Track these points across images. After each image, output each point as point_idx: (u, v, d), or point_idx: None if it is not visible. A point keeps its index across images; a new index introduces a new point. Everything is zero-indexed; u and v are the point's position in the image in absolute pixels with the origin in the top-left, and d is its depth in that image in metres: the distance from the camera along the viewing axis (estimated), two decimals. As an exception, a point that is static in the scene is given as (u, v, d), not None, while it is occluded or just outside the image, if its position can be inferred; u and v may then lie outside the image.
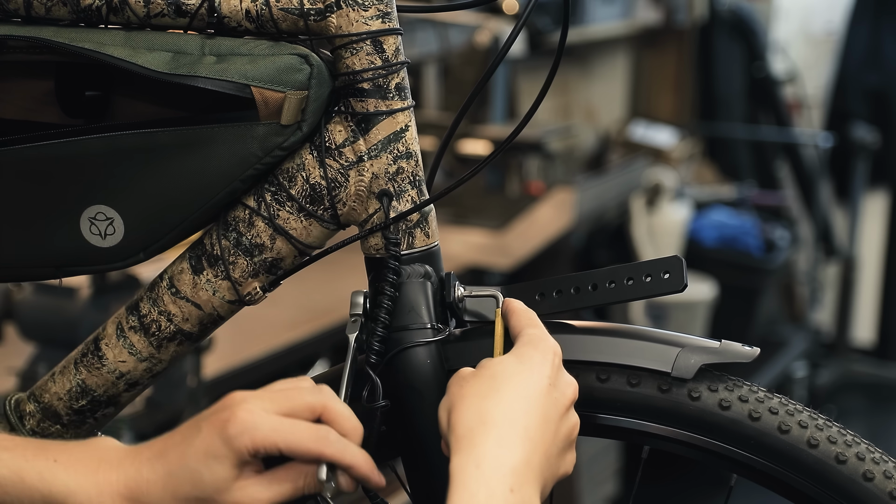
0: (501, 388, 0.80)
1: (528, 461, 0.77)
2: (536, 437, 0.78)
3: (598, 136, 4.14)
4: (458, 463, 0.76)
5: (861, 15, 4.40)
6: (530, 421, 0.79)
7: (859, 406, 4.25)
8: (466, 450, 0.76)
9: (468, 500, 0.74)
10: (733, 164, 4.40)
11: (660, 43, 4.39)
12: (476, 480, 0.74)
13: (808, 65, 4.59)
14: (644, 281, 0.90)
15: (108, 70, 0.90)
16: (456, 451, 0.77)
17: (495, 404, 0.79)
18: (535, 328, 0.86)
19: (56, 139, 0.89)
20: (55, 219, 0.91)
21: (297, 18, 0.87)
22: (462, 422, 0.78)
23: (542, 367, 0.82)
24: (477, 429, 0.77)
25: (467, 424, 0.78)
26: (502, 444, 0.77)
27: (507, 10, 3.22)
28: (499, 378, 0.81)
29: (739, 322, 3.81)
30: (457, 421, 0.79)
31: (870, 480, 0.86)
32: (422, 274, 0.90)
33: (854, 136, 4.29)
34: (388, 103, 0.89)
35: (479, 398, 0.79)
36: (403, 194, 0.90)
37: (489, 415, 0.78)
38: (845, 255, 4.41)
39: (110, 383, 0.97)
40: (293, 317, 2.33)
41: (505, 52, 0.93)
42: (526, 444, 0.77)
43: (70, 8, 0.90)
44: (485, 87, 3.22)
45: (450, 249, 2.77)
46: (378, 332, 0.88)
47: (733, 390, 0.88)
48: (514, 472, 0.76)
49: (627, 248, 3.69)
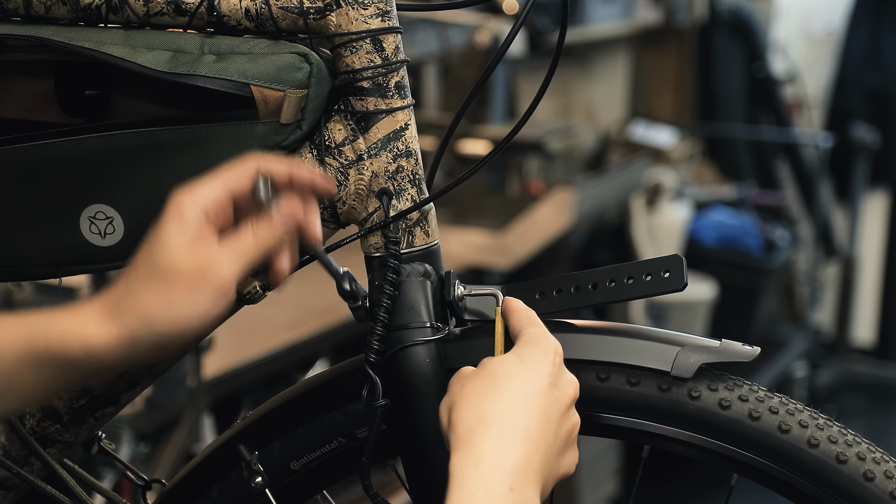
0: (501, 386, 0.80)
1: (527, 461, 0.77)
2: (536, 436, 0.78)
3: (598, 136, 4.13)
4: (457, 462, 0.76)
5: (861, 15, 4.39)
6: (530, 420, 0.78)
7: (859, 406, 4.25)
8: (465, 449, 0.76)
9: (466, 500, 0.73)
10: (733, 164, 4.40)
11: (660, 43, 4.38)
12: (475, 480, 0.74)
13: (808, 65, 4.59)
14: (644, 280, 0.90)
15: (108, 69, 0.90)
16: (455, 449, 0.77)
17: (495, 403, 0.79)
18: (536, 327, 0.85)
19: (55, 138, 0.89)
20: (55, 218, 0.91)
21: (296, 17, 0.87)
22: (462, 421, 0.78)
23: (542, 366, 0.82)
24: (476, 428, 0.77)
25: (467, 423, 0.78)
26: (502, 444, 0.76)
27: (506, 9, 3.22)
28: (499, 377, 0.81)
29: (739, 322, 3.80)
30: (457, 420, 0.78)
31: (870, 480, 0.85)
32: (421, 273, 0.90)
33: (854, 136, 4.29)
34: (387, 102, 0.89)
35: (480, 397, 0.79)
36: (403, 193, 0.90)
37: (489, 414, 0.78)
38: (845, 255, 4.40)
39: (110, 382, 0.97)
40: (293, 317, 2.33)
41: (503, 52, 0.93)
42: (526, 444, 0.77)
43: (69, 7, 0.89)
44: (485, 86, 3.23)
45: (450, 249, 2.77)
46: (377, 330, 0.88)
47: (733, 389, 0.88)
48: (514, 471, 0.75)
49: (627, 248, 3.69)
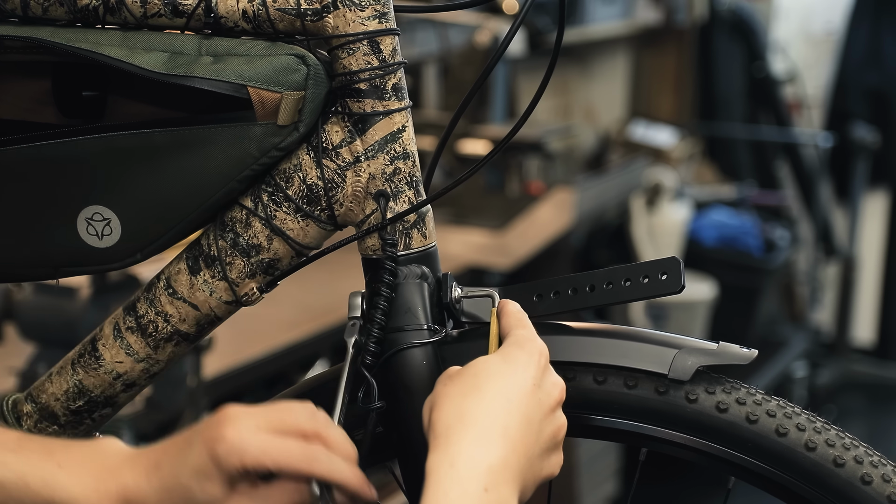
0: (483, 386, 0.79)
1: (505, 461, 0.76)
2: (517, 437, 0.77)
3: (598, 136, 4.13)
4: (434, 461, 0.75)
5: (861, 15, 4.39)
6: (511, 420, 0.77)
7: (859, 406, 4.24)
8: (443, 448, 0.75)
9: (441, 499, 0.73)
10: (733, 164, 4.40)
11: (660, 43, 4.38)
12: (450, 479, 0.73)
13: (808, 65, 4.59)
14: (642, 282, 0.90)
15: (105, 70, 0.90)
16: (433, 448, 0.76)
17: (476, 403, 0.78)
18: (524, 329, 0.85)
19: (53, 139, 0.89)
20: (52, 219, 0.91)
21: (293, 18, 0.87)
22: (441, 419, 0.77)
23: (526, 368, 0.81)
24: (455, 426, 0.76)
25: (446, 422, 0.77)
26: (479, 443, 0.76)
27: (506, 10, 3.22)
28: (482, 377, 0.80)
29: (739, 322, 3.80)
30: (436, 419, 0.78)
31: (868, 484, 0.85)
32: (418, 275, 0.89)
33: (854, 136, 4.29)
34: (384, 104, 0.88)
35: (461, 396, 0.78)
36: (400, 195, 0.90)
37: (469, 413, 0.77)
38: (845, 255, 4.40)
39: (107, 384, 0.97)
40: (293, 317, 2.33)
41: (503, 51, 0.93)
42: (505, 444, 0.76)
43: (67, 8, 0.89)
44: (484, 86, 3.22)
45: (450, 249, 2.77)
46: (374, 333, 0.87)
47: (731, 392, 0.88)
48: (490, 471, 0.75)
49: (627, 249, 3.69)
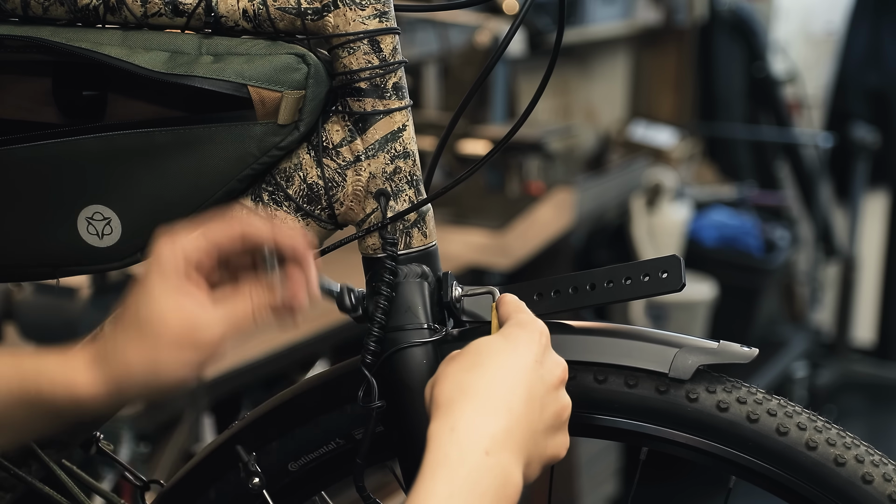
0: (485, 362, 0.79)
1: (508, 430, 0.76)
2: (519, 410, 0.77)
3: (598, 136, 4.13)
4: (434, 428, 0.75)
5: (861, 15, 4.39)
6: (513, 394, 0.78)
7: (859, 406, 4.24)
8: (444, 416, 0.76)
9: (441, 460, 0.73)
10: (733, 164, 4.40)
11: (660, 43, 4.38)
12: (449, 441, 0.74)
13: (808, 65, 4.59)
14: (642, 280, 0.90)
15: (105, 70, 0.90)
16: (434, 418, 0.76)
17: (478, 377, 0.78)
18: (523, 313, 0.85)
19: (53, 139, 0.89)
20: (52, 219, 0.91)
21: (294, 18, 0.87)
22: (443, 393, 0.78)
23: (528, 346, 0.81)
24: (457, 398, 0.77)
25: (448, 395, 0.77)
26: (481, 412, 0.76)
27: (506, 10, 3.22)
28: (483, 354, 0.80)
29: (739, 322, 3.80)
30: (438, 392, 0.78)
31: (869, 483, 0.85)
32: (419, 274, 0.89)
33: (854, 136, 4.29)
34: (385, 103, 0.88)
35: (462, 371, 0.79)
36: (401, 194, 0.90)
37: (471, 386, 0.77)
38: (845, 255, 4.40)
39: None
40: (293, 317, 2.32)
41: (502, 51, 0.93)
42: (506, 415, 0.76)
43: (67, 7, 0.89)
44: (484, 86, 3.22)
45: (450, 249, 2.76)
46: (374, 332, 0.88)
47: (731, 392, 0.88)
48: (492, 437, 0.75)
49: (627, 249, 3.69)
